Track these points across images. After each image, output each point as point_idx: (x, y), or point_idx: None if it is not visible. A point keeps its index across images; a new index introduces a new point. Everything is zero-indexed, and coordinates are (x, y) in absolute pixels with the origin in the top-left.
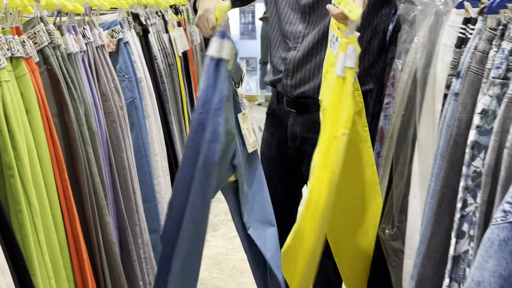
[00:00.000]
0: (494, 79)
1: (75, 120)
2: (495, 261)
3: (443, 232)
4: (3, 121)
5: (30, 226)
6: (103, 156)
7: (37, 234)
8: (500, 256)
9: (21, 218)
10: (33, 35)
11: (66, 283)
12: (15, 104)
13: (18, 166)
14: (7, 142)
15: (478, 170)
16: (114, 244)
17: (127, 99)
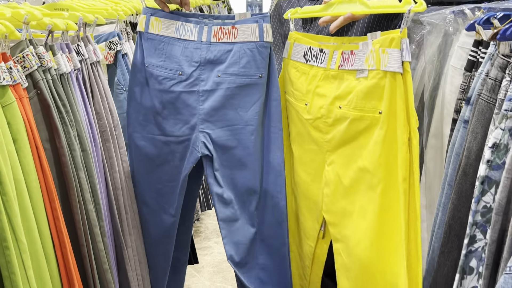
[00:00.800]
0: (507, 111)
1: (67, 145)
2: None
3: (450, 264)
4: None
5: (18, 263)
6: (98, 176)
7: (25, 270)
8: None
9: (8, 254)
10: (21, 59)
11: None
12: (1, 135)
13: (4, 201)
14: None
15: (488, 205)
16: (108, 271)
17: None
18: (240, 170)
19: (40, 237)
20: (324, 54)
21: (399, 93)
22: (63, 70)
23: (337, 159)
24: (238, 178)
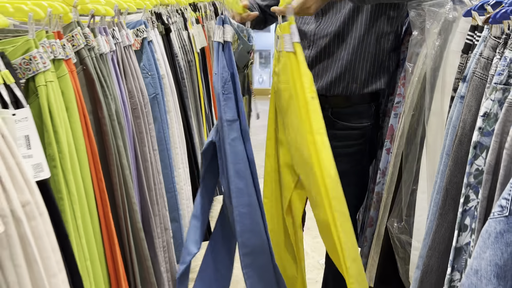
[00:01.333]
0: (496, 84)
1: (108, 116)
2: (492, 252)
3: (447, 225)
4: (48, 117)
5: (70, 212)
6: (130, 149)
7: (75, 220)
8: (496, 247)
9: (62, 204)
10: (71, 38)
11: (99, 264)
12: (57, 102)
13: (60, 158)
14: (51, 136)
15: (480, 168)
16: (141, 230)
17: (150, 95)
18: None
19: (86, 195)
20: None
21: (295, 67)
22: (102, 50)
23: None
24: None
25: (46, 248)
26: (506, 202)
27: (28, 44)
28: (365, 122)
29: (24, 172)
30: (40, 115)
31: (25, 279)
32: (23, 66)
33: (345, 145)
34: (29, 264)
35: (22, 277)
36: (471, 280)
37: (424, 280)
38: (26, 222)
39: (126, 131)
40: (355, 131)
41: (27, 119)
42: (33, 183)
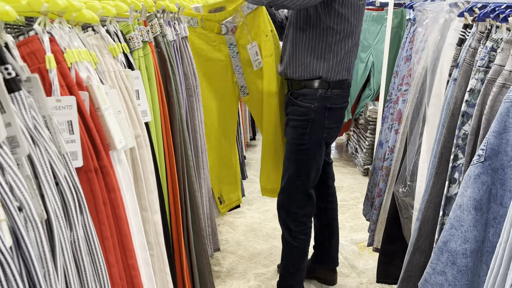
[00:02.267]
0: (480, 67)
1: (175, 89)
2: (471, 189)
3: (441, 182)
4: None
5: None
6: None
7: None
8: (474, 186)
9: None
10: (151, 26)
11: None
12: (145, 74)
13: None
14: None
15: (467, 133)
16: (195, 183)
17: None
18: None
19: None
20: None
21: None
22: (169, 38)
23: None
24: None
25: (148, 170)
26: (482, 151)
27: (129, 28)
28: (308, 103)
29: (138, 113)
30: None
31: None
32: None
33: (292, 119)
34: (136, 180)
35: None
36: (456, 213)
37: (422, 228)
38: (137, 150)
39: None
40: (301, 108)
41: (138, 78)
42: (143, 122)
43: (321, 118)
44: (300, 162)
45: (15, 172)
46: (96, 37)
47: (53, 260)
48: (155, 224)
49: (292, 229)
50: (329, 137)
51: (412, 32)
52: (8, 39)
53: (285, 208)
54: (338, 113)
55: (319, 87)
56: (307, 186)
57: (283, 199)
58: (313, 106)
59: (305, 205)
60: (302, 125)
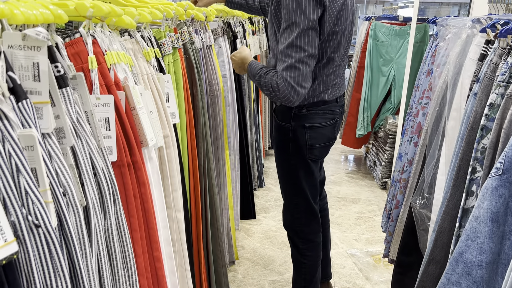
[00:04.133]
0: (500, 82)
1: (200, 94)
2: (488, 202)
3: (459, 194)
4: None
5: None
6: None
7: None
8: (491, 198)
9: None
10: (180, 34)
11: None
12: (173, 78)
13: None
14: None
15: (485, 146)
16: (215, 186)
17: None
18: None
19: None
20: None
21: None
22: (197, 46)
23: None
24: None
25: (173, 169)
26: (500, 164)
27: (160, 34)
28: (286, 122)
29: (167, 115)
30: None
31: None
32: None
33: (275, 138)
34: (162, 178)
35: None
36: (472, 224)
37: (438, 239)
38: (165, 149)
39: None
40: (280, 127)
41: (168, 81)
42: (171, 124)
43: (302, 138)
44: (292, 181)
45: (61, 160)
46: (132, 41)
47: (90, 244)
48: (178, 222)
49: (300, 247)
50: (315, 157)
51: (434, 46)
52: (58, 40)
53: (290, 227)
54: (323, 132)
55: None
56: (308, 203)
57: (286, 218)
58: (289, 125)
59: (309, 222)
60: (284, 145)
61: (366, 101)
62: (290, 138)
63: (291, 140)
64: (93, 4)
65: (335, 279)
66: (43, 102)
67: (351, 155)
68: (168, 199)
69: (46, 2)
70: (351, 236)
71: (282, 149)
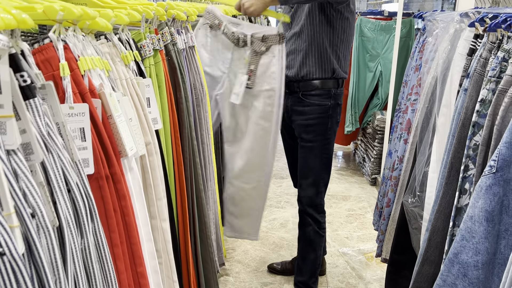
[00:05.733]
0: (491, 77)
1: (184, 97)
2: (483, 201)
3: (451, 193)
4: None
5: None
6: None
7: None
8: (486, 197)
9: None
10: (161, 34)
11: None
12: (155, 81)
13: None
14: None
15: (477, 143)
16: (202, 191)
17: None
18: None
19: (167, 154)
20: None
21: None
22: (179, 47)
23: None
24: None
25: (157, 177)
26: (494, 162)
27: (140, 36)
28: (326, 101)
29: (149, 121)
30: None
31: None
32: None
33: (310, 118)
34: (145, 187)
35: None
36: (467, 224)
37: (431, 238)
38: (147, 157)
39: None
40: (317, 107)
41: (149, 86)
42: (153, 130)
43: (335, 114)
44: (326, 155)
45: (28, 179)
46: (108, 45)
47: (64, 267)
48: (164, 232)
49: (320, 221)
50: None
51: (421, 42)
52: (24, 47)
53: (312, 204)
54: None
55: (332, 86)
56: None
57: (310, 196)
58: (329, 103)
59: (324, 194)
60: (323, 122)
61: (354, 97)
62: (330, 114)
63: (330, 116)
64: (63, 7)
65: (328, 279)
66: (6, 116)
67: (340, 152)
68: (152, 208)
69: (10, 5)
70: (342, 234)
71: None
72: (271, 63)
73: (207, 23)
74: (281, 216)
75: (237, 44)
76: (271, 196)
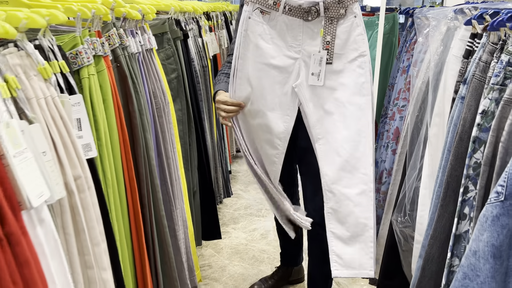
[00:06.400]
0: (494, 85)
1: (138, 110)
2: (489, 234)
3: (448, 216)
4: (89, 106)
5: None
6: (153, 145)
7: (108, 201)
8: (493, 229)
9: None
10: (108, 37)
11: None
12: (97, 94)
13: (98, 145)
14: (91, 124)
15: (478, 161)
16: (164, 217)
17: None
18: None
19: (117, 181)
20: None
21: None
22: (132, 50)
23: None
24: None
25: (92, 218)
26: (501, 188)
27: (75, 41)
28: None
29: (78, 149)
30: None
31: (74, 247)
32: (70, 60)
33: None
34: (77, 232)
35: (71, 245)
36: (470, 260)
37: (425, 267)
38: (77, 194)
39: (151, 128)
40: None
41: (79, 104)
42: (84, 160)
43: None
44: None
45: None
46: (19, 54)
47: None
48: (105, 283)
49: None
50: None
51: (409, 40)
52: None
53: (322, 217)
54: None
55: None
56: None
57: (319, 208)
58: None
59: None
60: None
61: None
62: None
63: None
64: None
65: None
66: None
67: None
68: (87, 257)
69: None
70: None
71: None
72: (353, 24)
73: (258, 8)
74: (262, 226)
75: (307, 17)
76: (250, 203)
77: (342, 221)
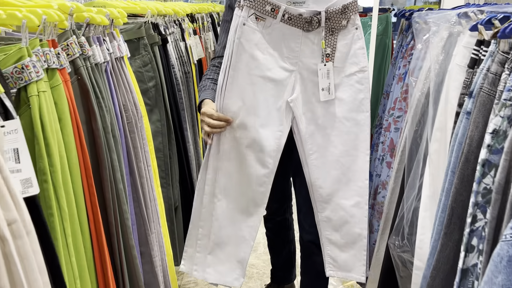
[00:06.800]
0: (506, 101)
1: (102, 128)
2: (504, 276)
3: (452, 245)
4: (39, 129)
5: (59, 229)
6: (124, 164)
7: (66, 237)
8: (509, 272)
9: (52, 221)
10: (66, 47)
11: (89, 284)
12: (50, 113)
13: (51, 172)
14: (42, 149)
15: (488, 187)
16: (134, 248)
17: None
18: None
19: (77, 210)
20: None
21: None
22: (98, 60)
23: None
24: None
25: (33, 269)
26: None
27: (21, 53)
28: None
29: (12, 188)
30: (31, 127)
31: None
32: (15, 75)
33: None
34: (14, 286)
35: None
36: None
37: None
38: (12, 241)
39: (121, 145)
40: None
41: (16, 131)
42: (20, 200)
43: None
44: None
45: None
46: None
47: None
48: None
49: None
50: None
51: (405, 46)
52: None
53: (318, 234)
54: None
55: None
56: None
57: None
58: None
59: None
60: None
61: None
62: None
63: None
64: None
65: None
66: None
67: None
68: None
69: None
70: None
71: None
72: (354, 37)
73: (253, 13)
74: None
75: (308, 28)
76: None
77: (337, 229)
